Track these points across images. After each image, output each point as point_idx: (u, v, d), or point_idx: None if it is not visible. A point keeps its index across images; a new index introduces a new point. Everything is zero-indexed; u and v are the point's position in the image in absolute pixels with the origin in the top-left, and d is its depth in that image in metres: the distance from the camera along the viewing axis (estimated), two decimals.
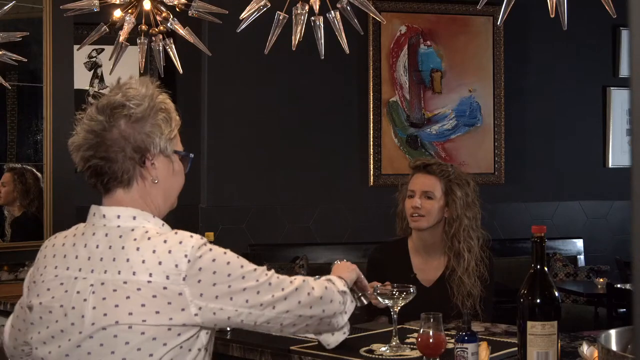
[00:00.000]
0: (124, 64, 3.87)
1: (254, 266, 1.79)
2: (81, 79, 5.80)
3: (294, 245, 6.19)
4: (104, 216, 1.77)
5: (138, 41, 3.56)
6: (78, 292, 1.71)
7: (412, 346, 2.33)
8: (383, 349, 2.33)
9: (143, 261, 1.68)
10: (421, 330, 2.17)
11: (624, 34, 6.85)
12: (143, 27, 3.46)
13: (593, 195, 6.87)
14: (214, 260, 1.72)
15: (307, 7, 3.01)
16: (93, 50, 6.05)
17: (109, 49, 4.01)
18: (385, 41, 6.37)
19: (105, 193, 1.80)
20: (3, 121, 4.27)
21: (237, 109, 6.16)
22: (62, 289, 1.74)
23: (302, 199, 6.24)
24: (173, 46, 3.57)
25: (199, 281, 1.69)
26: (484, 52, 6.58)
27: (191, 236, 1.73)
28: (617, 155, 6.93)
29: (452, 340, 2.18)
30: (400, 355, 2.30)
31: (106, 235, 1.74)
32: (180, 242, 1.70)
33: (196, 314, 1.69)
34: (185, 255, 1.69)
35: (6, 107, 4.29)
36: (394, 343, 2.35)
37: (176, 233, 1.74)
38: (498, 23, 2.83)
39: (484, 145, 6.58)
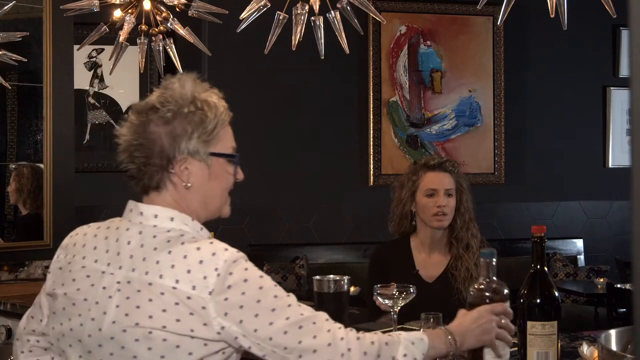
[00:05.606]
0: (124, 64, 3.87)
1: (288, 299, 1.62)
2: (81, 79, 5.80)
3: (294, 245, 6.19)
4: (141, 213, 1.69)
5: (138, 41, 3.56)
6: (104, 288, 1.65)
7: None
8: None
9: (172, 266, 1.59)
10: (421, 330, 2.16)
11: (624, 34, 6.85)
12: (143, 27, 3.45)
13: (593, 195, 6.87)
14: (245, 280, 1.59)
15: (307, 7, 3.01)
16: (93, 50, 6.04)
17: (109, 49, 4.01)
18: (385, 41, 6.37)
19: (142, 194, 1.74)
20: (3, 121, 4.27)
21: (237, 109, 6.12)
22: (89, 282, 1.67)
23: (302, 199, 6.24)
24: (173, 46, 3.57)
25: (226, 299, 1.57)
26: (484, 52, 6.58)
27: (226, 249, 1.62)
28: (617, 155, 6.93)
29: None
30: None
31: (140, 232, 1.67)
32: (214, 254, 1.60)
33: (219, 333, 1.58)
34: (216, 269, 1.58)
35: (6, 107, 4.29)
36: None
37: (211, 242, 1.63)
38: (498, 23, 2.83)
39: (484, 145, 6.58)
